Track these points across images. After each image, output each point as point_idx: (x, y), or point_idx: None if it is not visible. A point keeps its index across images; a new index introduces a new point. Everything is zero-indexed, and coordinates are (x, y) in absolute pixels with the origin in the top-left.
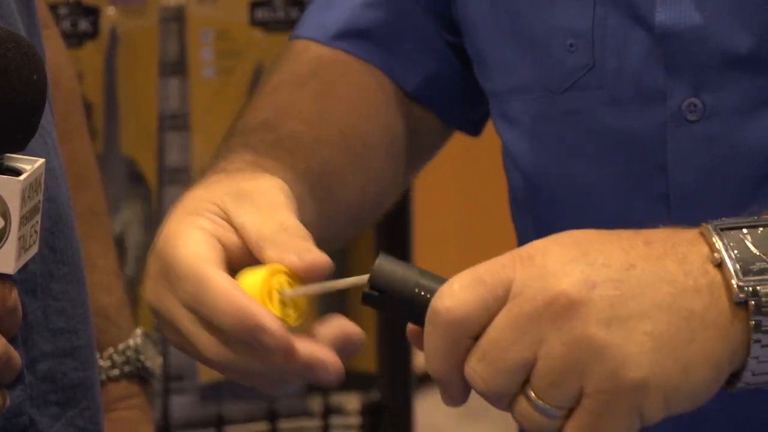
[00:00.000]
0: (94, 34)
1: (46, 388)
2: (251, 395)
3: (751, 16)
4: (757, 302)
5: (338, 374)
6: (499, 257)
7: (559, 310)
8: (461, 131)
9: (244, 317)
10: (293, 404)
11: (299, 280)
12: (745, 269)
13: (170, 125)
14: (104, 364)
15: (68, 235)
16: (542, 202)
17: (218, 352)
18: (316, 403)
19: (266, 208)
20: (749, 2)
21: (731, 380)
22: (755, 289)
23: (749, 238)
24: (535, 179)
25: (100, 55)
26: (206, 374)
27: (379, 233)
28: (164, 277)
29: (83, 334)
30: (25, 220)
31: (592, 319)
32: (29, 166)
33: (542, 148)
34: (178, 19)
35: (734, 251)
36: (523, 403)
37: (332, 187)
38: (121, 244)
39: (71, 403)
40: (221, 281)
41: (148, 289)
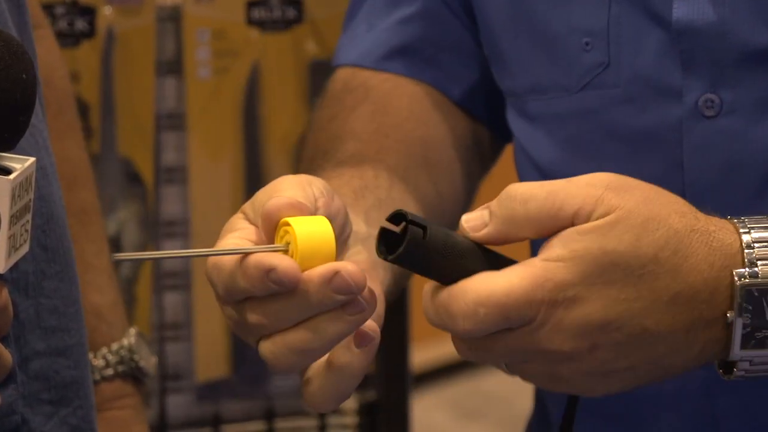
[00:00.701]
0: (90, 33)
1: (38, 386)
2: (248, 394)
3: None
4: (742, 366)
5: (369, 295)
6: (531, 284)
7: (556, 357)
8: (504, 136)
9: (250, 270)
10: (290, 403)
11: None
12: (748, 337)
13: (167, 125)
14: (98, 363)
15: (60, 233)
16: None
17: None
18: None
19: (268, 195)
20: None
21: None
22: (750, 358)
23: None
24: (551, 178)
25: (96, 54)
26: (203, 373)
27: None
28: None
29: (76, 332)
30: (15, 219)
31: (581, 369)
32: (19, 165)
33: (559, 147)
34: (174, 18)
35: (749, 316)
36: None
37: (408, 186)
38: (117, 243)
39: (64, 401)
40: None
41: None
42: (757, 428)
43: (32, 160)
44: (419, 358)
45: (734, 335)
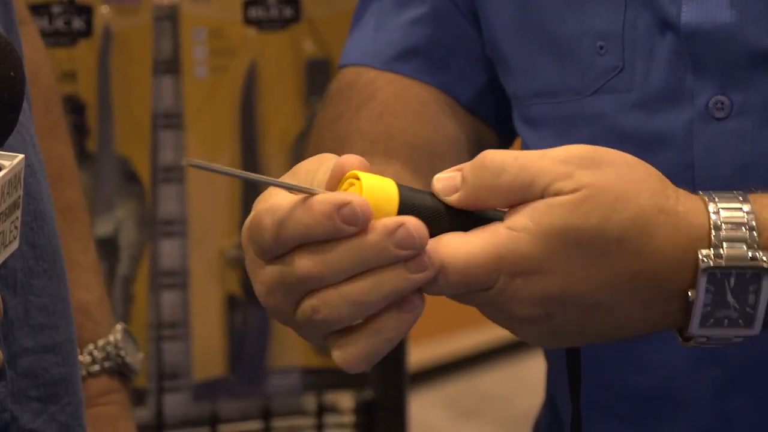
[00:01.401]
0: (87, 32)
1: (27, 383)
2: (245, 394)
3: None
4: (700, 341)
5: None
6: (496, 254)
7: (513, 318)
8: (510, 140)
9: (318, 206)
10: (287, 402)
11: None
12: (707, 317)
13: (164, 124)
14: (84, 360)
15: (48, 231)
16: None
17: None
18: (310, 401)
19: (316, 164)
20: None
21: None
22: (707, 335)
23: (732, 283)
24: None
25: (93, 53)
26: (200, 372)
27: None
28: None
29: (64, 329)
30: (4, 216)
31: (534, 331)
32: (8, 162)
33: None
34: (171, 17)
35: (710, 296)
36: None
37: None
38: (114, 242)
39: (53, 398)
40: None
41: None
42: (766, 428)
43: (21, 157)
44: (416, 357)
45: (694, 314)
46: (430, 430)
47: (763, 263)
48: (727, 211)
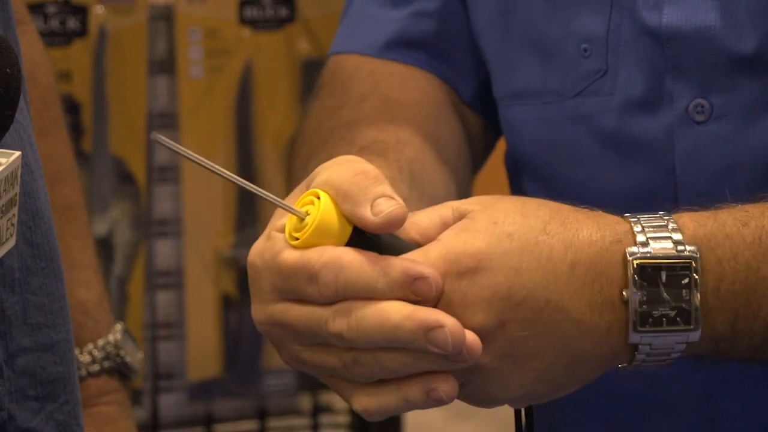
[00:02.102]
0: (82, 32)
1: (25, 382)
2: (241, 393)
3: (758, 18)
4: (645, 351)
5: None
6: (445, 252)
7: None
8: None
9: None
10: (283, 403)
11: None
12: (645, 316)
13: (159, 124)
14: (84, 359)
15: (45, 230)
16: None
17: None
18: (305, 401)
19: (339, 161)
20: (760, 4)
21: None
22: (649, 341)
23: (664, 278)
24: (542, 184)
25: (88, 53)
26: (195, 372)
27: None
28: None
29: (62, 328)
30: (1, 213)
31: (491, 352)
32: (5, 159)
33: (549, 152)
34: (166, 17)
35: (644, 293)
36: None
37: (423, 185)
38: (109, 242)
39: (50, 397)
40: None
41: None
42: (753, 429)
43: (17, 154)
44: None
45: (630, 313)
46: (425, 429)
47: (690, 254)
48: (645, 216)
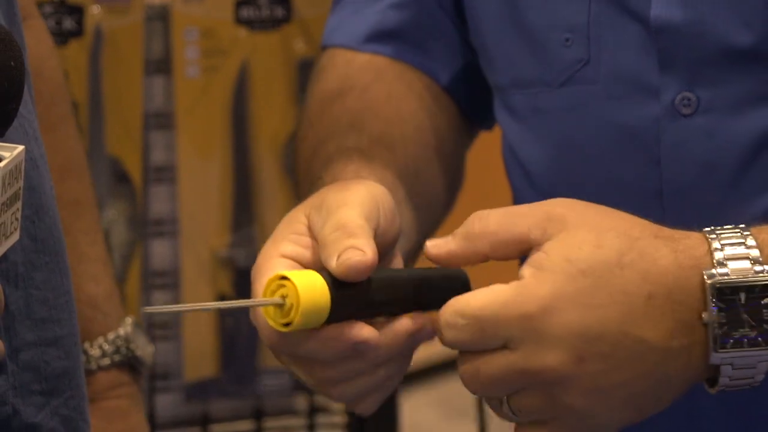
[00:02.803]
0: (78, 32)
1: (29, 377)
2: (237, 394)
3: (751, 11)
4: (727, 372)
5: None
6: (504, 299)
7: (547, 379)
8: (480, 126)
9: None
10: (279, 403)
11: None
12: (725, 337)
13: (155, 124)
14: (94, 353)
15: (50, 224)
16: (541, 197)
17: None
18: (301, 401)
19: (334, 209)
20: None
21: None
22: (731, 362)
23: (743, 299)
24: (535, 174)
25: (84, 53)
26: (192, 372)
27: None
28: None
29: (67, 323)
30: (5, 207)
31: (574, 390)
32: (8, 153)
33: (541, 142)
34: (162, 17)
35: (723, 315)
36: (503, 406)
37: (423, 182)
38: (106, 243)
39: (55, 392)
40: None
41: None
42: (737, 423)
43: (21, 148)
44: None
45: (710, 335)
46: (421, 429)
47: None
48: (724, 232)
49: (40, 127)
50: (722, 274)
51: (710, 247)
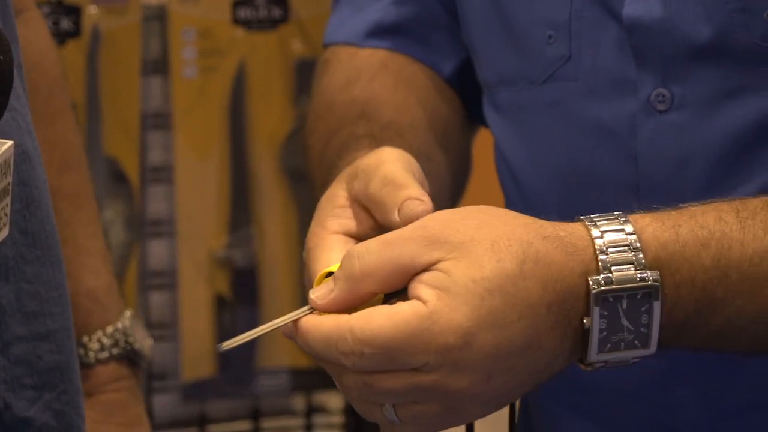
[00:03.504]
0: (76, 33)
1: (20, 371)
2: (234, 394)
3: (713, 6)
4: (599, 365)
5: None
6: (416, 329)
7: (453, 396)
8: (480, 121)
9: None
10: (276, 403)
11: None
12: (604, 341)
13: (152, 124)
14: (93, 346)
15: (41, 218)
16: (527, 193)
17: None
18: (299, 401)
19: (374, 169)
20: None
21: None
22: (606, 359)
23: (624, 305)
24: (517, 170)
25: (82, 54)
26: (189, 373)
27: None
28: None
29: (59, 317)
30: None
31: (477, 402)
32: None
33: (523, 138)
34: (160, 17)
35: (604, 321)
36: (385, 410)
37: (432, 168)
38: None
39: (48, 386)
40: None
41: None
42: (713, 417)
43: (10, 143)
44: None
45: (591, 341)
46: None
47: (652, 282)
48: (610, 234)
49: (38, 120)
50: (607, 281)
51: (595, 248)
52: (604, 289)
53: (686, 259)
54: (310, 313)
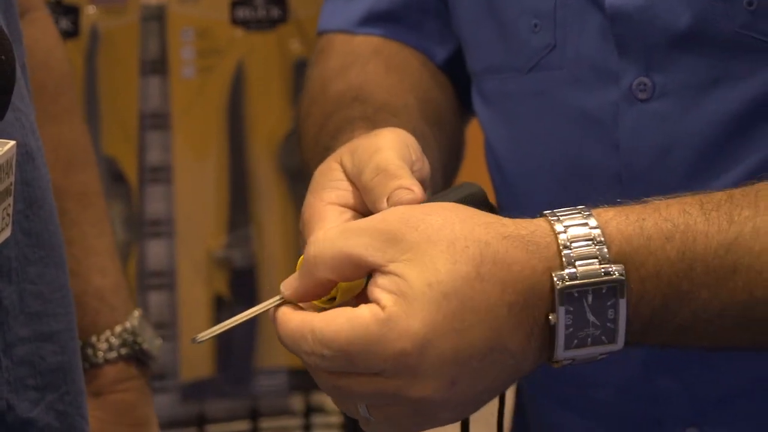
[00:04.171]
0: (74, 33)
1: (23, 372)
2: (233, 394)
3: None
4: (566, 362)
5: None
6: (374, 336)
7: (418, 403)
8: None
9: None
10: (275, 403)
11: None
12: (570, 338)
13: (151, 124)
14: (101, 346)
15: (45, 218)
16: (512, 183)
17: None
18: (297, 401)
19: (369, 155)
20: None
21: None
22: (573, 356)
23: (590, 300)
24: (502, 159)
25: (80, 54)
26: (188, 373)
27: None
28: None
29: (63, 318)
30: None
31: (444, 408)
32: None
33: (509, 126)
34: (158, 17)
35: (570, 317)
36: (359, 408)
37: (425, 149)
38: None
39: (51, 387)
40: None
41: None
42: (696, 407)
43: (12, 143)
44: None
45: (558, 337)
46: None
47: (618, 276)
48: (573, 228)
49: (45, 119)
50: (571, 276)
51: (558, 244)
52: (568, 284)
53: (651, 252)
54: (281, 302)
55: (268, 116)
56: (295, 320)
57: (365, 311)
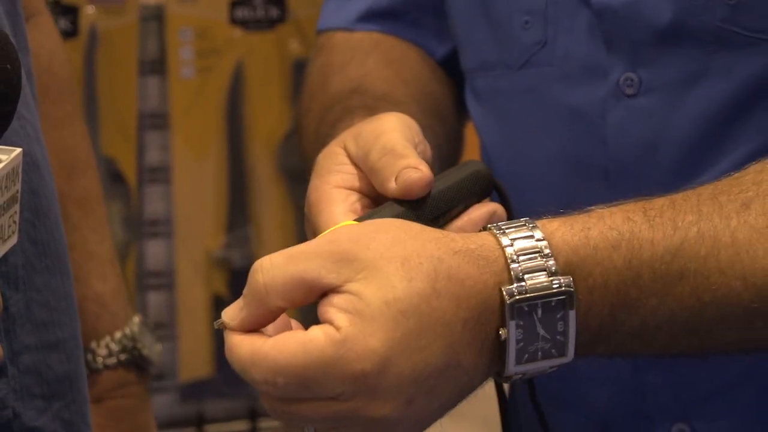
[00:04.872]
0: (73, 33)
1: (30, 380)
2: (232, 394)
3: None
4: (516, 377)
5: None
6: (330, 358)
7: (375, 423)
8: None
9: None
10: None
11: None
12: (521, 352)
13: (150, 124)
14: (101, 352)
15: (50, 227)
16: (505, 180)
17: None
18: None
19: (373, 138)
20: None
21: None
22: (524, 370)
23: (539, 313)
24: (493, 156)
25: (79, 54)
26: (187, 373)
27: None
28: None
29: (68, 326)
30: (2, 210)
31: (400, 426)
32: (5, 156)
33: (499, 123)
34: (157, 17)
35: (520, 331)
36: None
37: (426, 140)
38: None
39: (57, 396)
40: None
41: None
42: (682, 402)
43: (18, 150)
44: None
45: (509, 353)
46: None
47: (566, 288)
48: (519, 241)
49: (47, 123)
50: (520, 290)
51: (506, 258)
52: (518, 298)
53: (598, 262)
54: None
55: (267, 116)
56: (244, 347)
57: (318, 333)
